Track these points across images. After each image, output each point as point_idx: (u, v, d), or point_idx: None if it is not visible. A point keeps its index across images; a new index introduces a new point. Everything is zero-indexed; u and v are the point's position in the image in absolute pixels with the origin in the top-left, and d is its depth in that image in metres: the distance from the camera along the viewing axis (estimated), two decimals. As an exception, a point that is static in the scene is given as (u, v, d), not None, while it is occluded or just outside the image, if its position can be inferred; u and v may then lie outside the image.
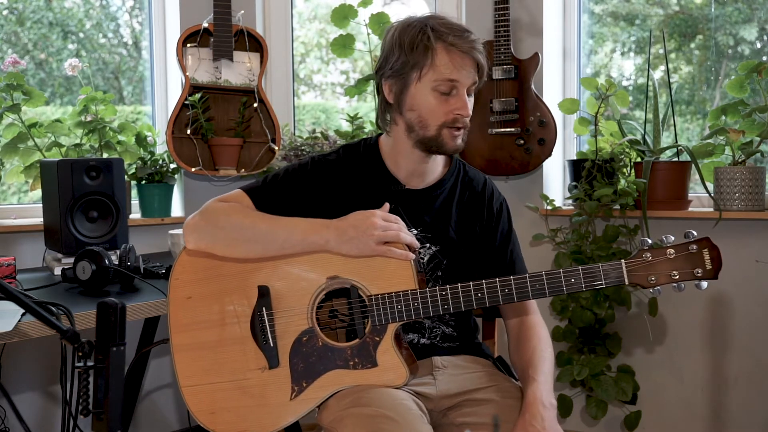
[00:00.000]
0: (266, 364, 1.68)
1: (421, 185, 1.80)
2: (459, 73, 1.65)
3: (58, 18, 3.22)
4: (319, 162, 1.79)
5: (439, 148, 1.71)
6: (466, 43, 1.65)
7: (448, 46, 1.65)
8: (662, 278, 1.54)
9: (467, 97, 1.69)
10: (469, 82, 1.67)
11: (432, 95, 1.67)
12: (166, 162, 3.02)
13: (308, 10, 3.64)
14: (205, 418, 1.70)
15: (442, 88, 1.66)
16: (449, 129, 1.68)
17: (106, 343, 1.42)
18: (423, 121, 1.69)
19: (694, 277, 1.53)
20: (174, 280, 1.74)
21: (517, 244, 1.86)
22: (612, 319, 2.88)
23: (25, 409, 2.63)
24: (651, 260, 1.54)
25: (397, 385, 1.64)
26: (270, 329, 1.68)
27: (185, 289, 1.73)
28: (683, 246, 1.54)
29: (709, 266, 1.53)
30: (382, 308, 1.62)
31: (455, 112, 1.67)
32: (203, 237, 1.71)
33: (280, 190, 1.76)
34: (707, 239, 1.54)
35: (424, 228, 1.77)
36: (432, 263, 1.77)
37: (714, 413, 2.87)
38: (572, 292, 1.58)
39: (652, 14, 3.29)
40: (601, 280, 1.55)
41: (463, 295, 1.60)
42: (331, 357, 1.65)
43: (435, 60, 1.65)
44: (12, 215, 2.88)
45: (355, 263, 1.64)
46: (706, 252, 1.53)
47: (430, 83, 1.67)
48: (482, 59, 1.68)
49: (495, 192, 1.86)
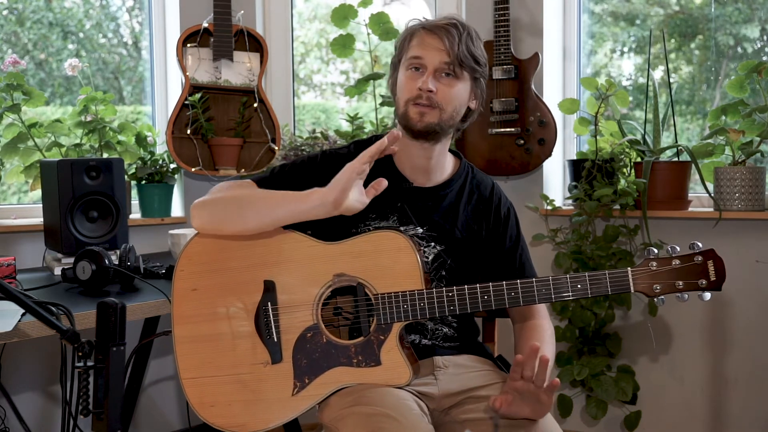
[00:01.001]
0: (269, 358, 1.67)
1: (428, 184, 1.81)
2: (424, 50, 1.70)
3: (58, 18, 3.22)
4: (329, 156, 1.80)
5: (408, 124, 1.73)
6: (437, 24, 1.72)
7: (420, 30, 1.73)
8: (667, 288, 1.56)
9: (441, 81, 1.71)
10: (435, 61, 1.70)
11: (405, 75, 1.74)
12: (166, 162, 3.02)
13: (308, 10, 3.64)
14: (205, 411, 1.69)
15: (410, 66, 1.72)
16: (415, 105, 1.71)
17: (106, 343, 1.43)
18: (398, 100, 1.76)
19: (698, 288, 1.55)
20: (179, 271, 1.73)
21: (527, 249, 1.87)
22: (612, 320, 2.88)
23: (25, 409, 2.63)
24: (656, 269, 1.56)
25: (400, 384, 1.64)
26: (274, 324, 1.68)
27: (190, 281, 1.72)
28: (688, 257, 1.56)
29: (713, 278, 1.54)
30: (388, 307, 1.62)
31: (418, 88, 1.70)
32: (205, 212, 1.71)
33: (288, 181, 1.77)
34: (712, 251, 1.55)
35: (430, 227, 1.78)
36: (436, 262, 1.77)
37: (714, 413, 2.87)
38: (578, 297, 1.59)
39: (652, 14, 3.29)
40: (607, 287, 1.57)
41: (470, 297, 1.60)
42: (335, 354, 1.65)
43: (410, 43, 1.74)
44: (12, 215, 2.88)
45: (362, 261, 1.64)
46: (711, 263, 1.55)
47: (405, 63, 1.74)
48: (448, 40, 1.69)
49: (503, 198, 1.87)
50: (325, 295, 1.67)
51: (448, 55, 1.70)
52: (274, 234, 1.69)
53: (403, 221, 1.77)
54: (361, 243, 1.67)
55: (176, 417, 3.09)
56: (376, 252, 1.65)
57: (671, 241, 2.83)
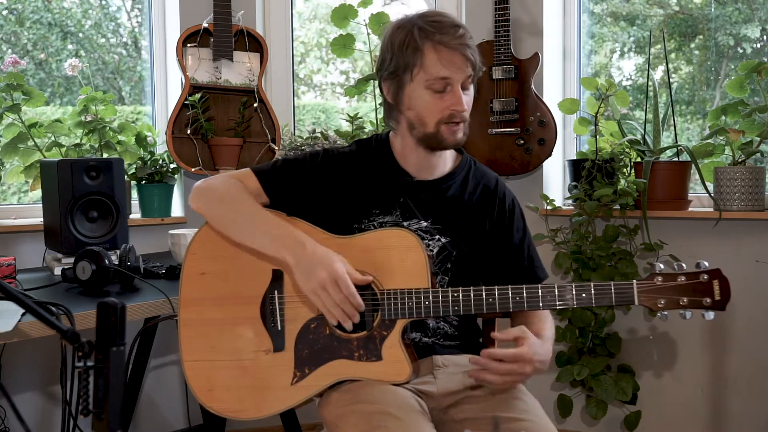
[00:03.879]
0: (271, 346, 1.68)
1: (430, 177, 1.81)
2: (449, 69, 1.66)
3: (57, 18, 3.22)
4: (331, 155, 1.80)
5: (440, 144, 1.72)
6: (454, 39, 1.65)
7: (435, 45, 1.66)
8: (671, 304, 1.56)
9: (464, 90, 1.70)
10: (461, 77, 1.68)
11: (426, 93, 1.68)
12: (166, 162, 3.02)
13: (308, 10, 3.64)
14: (203, 395, 1.70)
15: (435, 87, 1.67)
16: (447, 125, 1.69)
17: (106, 343, 1.43)
18: (421, 119, 1.71)
19: (702, 306, 1.55)
20: (190, 254, 1.74)
21: (533, 243, 1.88)
22: (612, 320, 2.88)
23: (25, 409, 2.63)
24: (662, 285, 1.56)
25: (400, 381, 1.64)
26: (280, 313, 1.68)
27: (200, 265, 1.73)
28: (694, 275, 1.56)
29: (718, 297, 1.55)
30: (393, 303, 1.63)
31: (451, 108, 1.68)
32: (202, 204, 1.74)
33: (288, 176, 1.77)
34: (718, 270, 1.56)
35: (434, 219, 1.78)
36: (442, 255, 1.77)
37: (714, 413, 2.87)
38: (582, 306, 1.60)
39: (652, 14, 3.29)
40: (612, 298, 1.58)
41: (475, 299, 1.61)
42: (337, 346, 1.65)
43: (424, 60, 1.66)
44: (12, 215, 2.88)
45: (370, 257, 1.65)
46: (716, 283, 1.55)
47: (423, 83, 1.68)
48: (471, 54, 1.67)
49: (507, 191, 1.87)
50: None
51: (472, 68, 1.68)
52: (287, 224, 1.69)
53: (406, 216, 1.77)
54: (372, 239, 1.68)
55: (176, 417, 3.09)
56: (386, 248, 1.66)
57: (671, 242, 2.83)
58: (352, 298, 1.57)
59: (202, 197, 1.74)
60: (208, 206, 1.73)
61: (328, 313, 1.59)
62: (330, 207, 1.77)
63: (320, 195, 1.77)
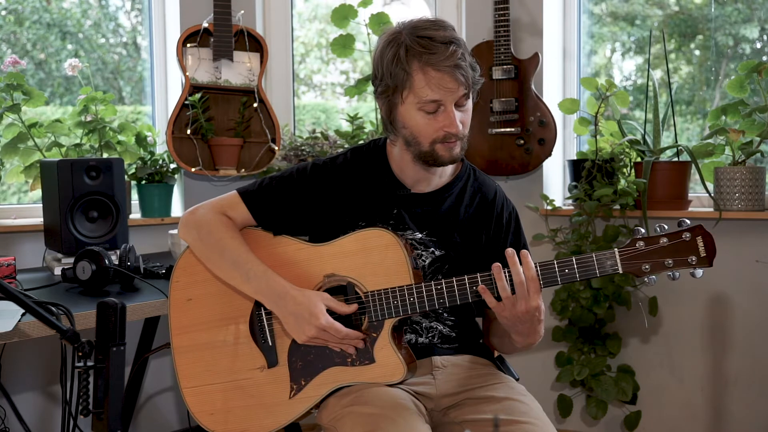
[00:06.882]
0: (265, 363, 1.68)
1: (427, 189, 1.78)
2: (439, 92, 1.60)
3: (56, 18, 3.22)
4: (321, 167, 1.78)
5: (436, 161, 1.68)
6: (444, 59, 1.58)
7: (423, 67, 1.59)
8: (656, 267, 1.52)
9: (460, 107, 1.64)
10: (453, 98, 1.62)
11: (418, 115, 1.64)
12: (166, 162, 3.02)
13: (308, 10, 3.64)
14: (206, 419, 1.71)
15: (426, 109, 1.62)
16: (442, 143, 1.65)
17: (106, 343, 1.43)
18: (415, 138, 1.66)
19: (689, 265, 1.52)
20: (174, 282, 1.76)
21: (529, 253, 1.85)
22: (612, 319, 2.88)
23: (25, 409, 2.63)
24: (644, 249, 1.53)
25: (395, 381, 1.64)
26: (269, 328, 1.69)
27: (185, 292, 1.74)
28: (676, 234, 1.53)
29: (703, 253, 1.51)
30: (378, 304, 1.63)
31: (444, 130, 1.63)
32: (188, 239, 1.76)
33: (276, 196, 1.75)
34: (700, 227, 1.53)
35: (429, 231, 1.76)
36: (434, 266, 1.76)
37: (714, 413, 2.87)
38: (567, 282, 1.56)
39: (652, 14, 3.29)
40: (595, 269, 1.54)
41: (458, 288, 1.59)
42: (329, 354, 1.66)
43: (413, 83, 1.60)
44: (12, 215, 2.88)
45: (351, 260, 1.65)
46: (700, 239, 1.52)
47: (414, 105, 1.63)
48: (462, 74, 1.59)
49: (506, 203, 1.83)
50: None
51: (465, 87, 1.62)
52: (265, 240, 1.72)
53: (399, 227, 1.75)
54: (349, 242, 1.67)
55: (176, 417, 3.09)
56: (364, 250, 1.65)
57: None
58: (347, 339, 1.62)
59: (188, 233, 1.75)
60: (193, 243, 1.74)
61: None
62: (322, 219, 1.75)
63: (311, 210, 1.75)
